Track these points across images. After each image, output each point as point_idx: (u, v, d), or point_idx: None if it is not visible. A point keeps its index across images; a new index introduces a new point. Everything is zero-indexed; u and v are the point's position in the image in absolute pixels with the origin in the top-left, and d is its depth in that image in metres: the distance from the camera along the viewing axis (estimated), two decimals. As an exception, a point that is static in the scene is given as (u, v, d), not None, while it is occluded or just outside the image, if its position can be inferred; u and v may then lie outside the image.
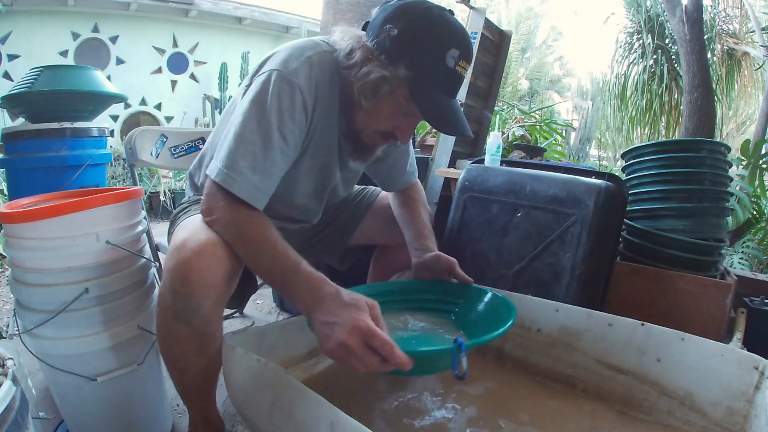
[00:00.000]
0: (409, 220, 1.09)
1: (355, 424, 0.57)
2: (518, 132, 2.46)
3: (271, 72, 0.81)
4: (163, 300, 0.76)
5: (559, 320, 1.00)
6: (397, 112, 0.84)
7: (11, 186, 2.06)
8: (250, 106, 0.79)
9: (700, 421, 0.85)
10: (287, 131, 0.81)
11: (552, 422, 0.89)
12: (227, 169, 0.76)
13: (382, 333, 0.64)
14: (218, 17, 6.39)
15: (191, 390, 0.86)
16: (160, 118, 6.32)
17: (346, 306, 0.67)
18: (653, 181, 1.39)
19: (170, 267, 0.73)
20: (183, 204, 1.03)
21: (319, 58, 0.84)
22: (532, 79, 12.00)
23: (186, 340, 0.77)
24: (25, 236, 0.85)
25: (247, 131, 0.78)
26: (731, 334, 1.30)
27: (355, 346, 0.63)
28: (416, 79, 0.79)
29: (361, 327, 0.64)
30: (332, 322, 0.66)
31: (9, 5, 4.99)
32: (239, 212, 0.77)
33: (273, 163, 0.80)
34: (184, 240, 0.74)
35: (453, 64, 0.79)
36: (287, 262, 0.73)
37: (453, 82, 0.82)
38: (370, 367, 0.64)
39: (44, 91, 1.84)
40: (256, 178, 0.78)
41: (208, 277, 0.73)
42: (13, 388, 0.54)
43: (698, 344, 0.85)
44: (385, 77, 0.79)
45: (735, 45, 4.92)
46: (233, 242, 0.76)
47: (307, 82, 0.82)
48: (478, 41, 2.10)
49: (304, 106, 0.82)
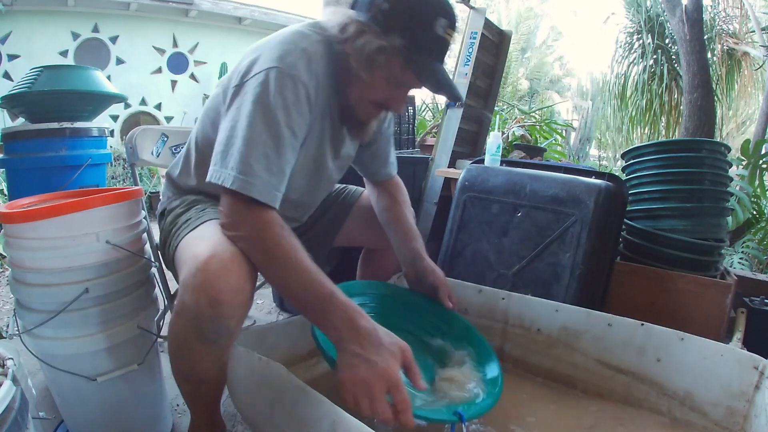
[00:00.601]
0: (394, 224, 1.08)
1: (357, 424, 0.57)
2: (518, 132, 2.46)
3: (268, 70, 0.79)
4: (185, 321, 0.73)
5: (559, 320, 1.00)
6: (391, 82, 0.86)
7: (11, 186, 2.06)
8: (253, 107, 0.78)
9: (700, 421, 0.85)
10: (295, 125, 0.81)
11: (552, 422, 0.89)
12: (243, 174, 0.75)
13: (404, 391, 0.65)
14: (218, 17, 6.38)
15: (202, 398, 0.86)
16: (160, 118, 6.31)
17: (383, 348, 0.68)
18: (653, 181, 1.39)
19: (196, 286, 0.70)
20: (174, 205, 0.99)
21: (314, 49, 0.84)
22: (532, 79, 12.00)
23: (209, 357, 0.76)
24: (25, 236, 0.85)
25: (255, 133, 0.77)
26: (731, 334, 1.30)
27: (376, 391, 0.64)
28: (410, 48, 0.81)
29: (392, 378, 0.65)
30: (365, 358, 0.66)
31: (9, 5, 4.98)
32: (265, 228, 0.75)
33: (286, 160, 0.80)
34: (208, 258, 0.71)
35: (442, 32, 0.83)
36: (322, 290, 0.72)
37: (443, 48, 0.86)
38: (377, 414, 0.65)
39: (44, 91, 1.84)
40: (274, 179, 0.77)
41: (236, 298, 0.71)
42: (13, 388, 0.54)
43: (698, 344, 0.85)
44: (382, 47, 0.81)
45: (735, 45, 4.92)
46: (262, 264, 0.75)
47: (308, 74, 0.82)
48: (478, 41, 2.10)
49: (308, 98, 0.83)
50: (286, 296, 0.79)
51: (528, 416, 0.91)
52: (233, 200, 0.76)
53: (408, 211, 1.12)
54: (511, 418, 0.90)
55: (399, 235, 1.07)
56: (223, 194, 0.78)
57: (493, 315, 1.09)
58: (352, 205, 1.21)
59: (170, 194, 1.05)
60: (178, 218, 0.95)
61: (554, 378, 1.02)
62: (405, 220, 1.08)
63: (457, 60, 2.15)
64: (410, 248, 1.04)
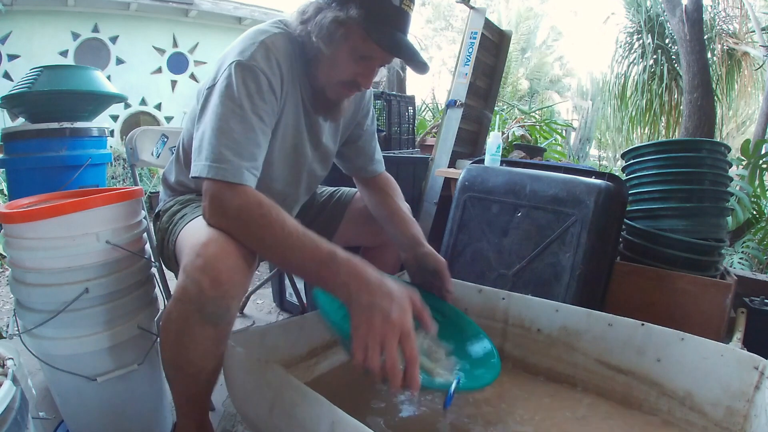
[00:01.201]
0: (390, 215, 1.09)
1: (356, 424, 0.57)
2: (518, 132, 2.47)
3: (230, 65, 0.83)
4: (186, 305, 0.73)
5: (559, 320, 1.00)
6: (355, 56, 0.88)
7: (11, 186, 2.06)
8: (219, 100, 0.81)
9: (700, 421, 0.85)
10: (261, 111, 0.83)
11: (553, 422, 0.89)
12: (215, 162, 0.77)
13: (415, 342, 0.66)
14: (218, 17, 6.39)
15: (196, 396, 0.85)
16: (160, 118, 6.31)
17: (395, 297, 0.68)
18: (653, 181, 1.39)
19: (198, 268, 0.72)
20: (170, 205, 1.02)
21: (272, 40, 0.87)
22: (532, 79, 12.01)
23: (208, 343, 0.77)
24: (25, 236, 0.85)
25: (223, 123, 0.80)
26: (731, 334, 1.30)
27: (389, 339, 0.64)
28: (368, 18, 0.83)
29: (405, 327, 0.66)
30: (380, 308, 0.66)
31: (9, 5, 4.99)
32: (248, 208, 0.76)
33: (256, 144, 0.82)
34: (207, 241, 0.73)
35: (399, 2, 0.84)
36: (321, 251, 0.72)
37: (402, 18, 0.87)
38: (390, 368, 0.64)
39: (44, 91, 1.83)
40: (245, 162, 0.79)
41: (236, 277, 0.73)
42: (13, 388, 0.54)
43: (698, 344, 0.85)
44: (338, 18, 0.83)
45: (735, 45, 4.92)
46: (254, 243, 0.76)
47: (267, 63, 0.84)
48: (478, 41, 2.10)
49: (271, 86, 0.85)
50: (286, 269, 0.81)
51: (525, 415, 0.91)
52: (211, 188, 0.78)
53: (401, 202, 1.13)
54: (512, 417, 0.90)
55: (395, 225, 1.07)
56: (202, 186, 0.80)
57: (493, 315, 1.09)
58: (346, 206, 1.22)
59: (166, 197, 1.08)
60: (173, 216, 0.96)
61: (554, 378, 1.02)
62: (399, 210, 1.09)
63: (457, 60, 2.15)
64: (408, 235, 1.05)
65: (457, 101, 2.10)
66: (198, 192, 0.99)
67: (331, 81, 0.92)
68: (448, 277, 1.00)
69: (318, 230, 1.20)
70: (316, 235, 0.75)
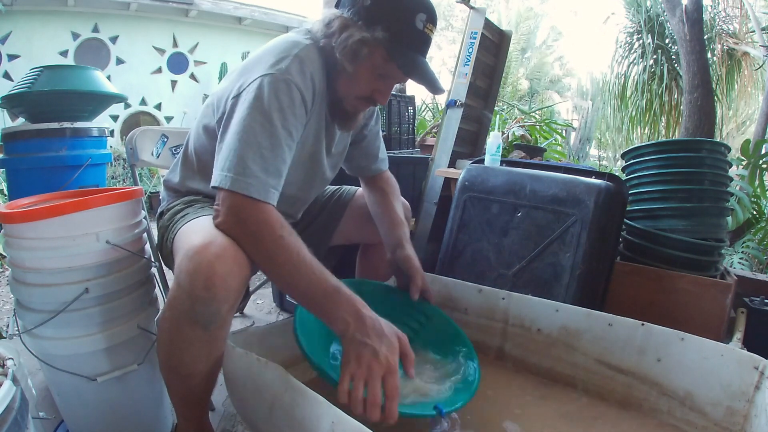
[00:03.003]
0: (382, 214, 1.11)
1: (356, 424, 0.57)
2: (518, 132, 2.46)
3: (262, 78, 0.82)
4: (178, 304, 0.74)
5: (559, 320, 1.00)
6: (375, 74, 0.90)
7: (11, 186, 2.06)
8: (248, 112, 0.80)
9: (700, 421, 0.85)
10: (291, 127, 0.83)
11: (553, 423, 0.89)
12: (240, 175, 0.76)
13: (398, 379, 0.71)
14: (218, 17, 6.38)
15: (191, 397, 0.85)
16: (160, 118, 6.31)
17: (385, 337, 0.73)
18: (653, 181, 1.39)
19: (191, 270, 0.71)
20: (173, 204, 1.01)
21: (306, 53, 0.87)
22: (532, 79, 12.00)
23: (199, 345, 0.77)
24: (25, 236, 0.85)
25: (251, 136, 0.79)
26: (731, 334, 1.30)
27: (376, 373, 0.69)
28: (392, 40, 0.86)
29: (391, 365, 0.71)
30: (368, 344, 0.71)
31: (9, 5, 4.98)
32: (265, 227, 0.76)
33: (282, 160, 0.82)
34: (205, 243, 0.73)
35: (422, 26, 0.87)
36: (328, 284, 0.75)
37: (423, 42, 0.90)
38: (371, 398, 0.68)
39: (44, 91, 1.83)
40: (271, 179, 0.79)
41: (230, 282, 0.73)
42: (13, 388, 0.54)
43: (698, 344, 0.85)
44: (364, 39, 0.85)
45: (735, 45, 4.92)
46: (264, 263, 0.77)
47: (302, 77, 0.85)
48: (478, 41, 2.10)
49: (303, 100, 0.86)
50: (290, 293, 0.81)
51: (525, 415, 0.91)
52: (231, 201, 0.77)
53: (396, 201, 1.14)
54: (512, 418, 0.90)
55: (385, 225, 1.10)
56: (220, 196, 0.79)
57: (493, 315, 1.09)
58: (347, 204, 1.23)
59: (169, 198, 1.07)
60: (176, 215, 0.96)
61: (554, 378, 1.02)
62: (392, 210, 1.11)
63: (457, 60, 2.15)
64: (394, 236, 1.07)
65: (457, 101, 2.09)
66: (205, 195, 1.00)
67: (349, 95, 0.94)
68: (419, 282, 1.01)
69: (319, 227, 1.22)
70: (324, 268, 0.77)
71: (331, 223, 1.22)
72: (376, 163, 1.19)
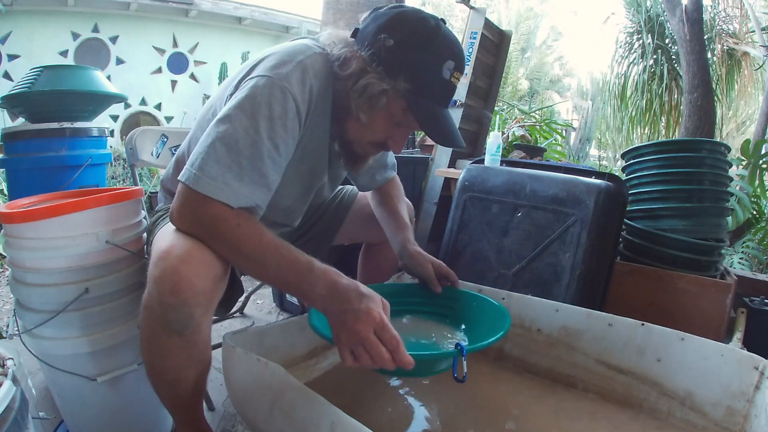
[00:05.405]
0: (387, 217, 1.10)
1: (355, 424, 0.57)
2: (518, 132, 2.46)
3: (259, 77, 0.76)
4: (150, 313, 0.71)
5: (559, 320, 1.00)
6: (391, 122, 0.84)
7: (11, 186, 2.06)
8: (235, 112, 0.74)
9: (700, 421, 0.85)
10: (279, 140, 0.76)
11: (553, 423, 0.89)
12: (208, 177, 0.71)
13: (391, 327, 0.66)
14: (218, 17, 6.39)
15: (180, 402, 0.82)
16: (160, 118, 6.31)
17: (363, 296, 0.68)
18: (653, 181, 1.39)
19: (157, 277, 0.69)
20: (159, 212, 0.99)
21: (311, 61, 0.81)
22: (532, 79, 11.99)
23: (177, 351, 0.74)
24: (25, 236, 0.85)
25: (232, 140, 0.73)
26: (731, 334, 1.30)
27: (365, 333, 0.65)
28: (415, 92, 0.79)
29: (375, 317, 0.66)
30: (348, 309, 0.67)
31: (9, 5, 4.99)
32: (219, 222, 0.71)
33: (260, 173, 0.75)
34: (169, 247, 0.70)
35: (449, 76, 0.81)
36: (299, 265, 0.71)
37: (448, 93, 0.84)
38: (376, 358, 0.65)
39: (44, 91, 1.83)
40: (246, 189, 0.73)
41: (198, 283, 0.69)
42: (13, 388, 0.54)
43: (698, 344, 0.85)
44: (385, 90, 0.79)
45: (735, 45, 4.92)
46: (229, 256, 0.73)
47: (301, 87, 0.78)
48: (478, 41, 2.10)
49: (298, 113, 0.79)
50: (263, 280, 0.78)
51: (525, 415, 0.91)
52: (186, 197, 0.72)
53: (401, 203, 1.13)
54: (512, 418, 0.90)
55: (390, 228, 1.08)
56: (179, 189, 0.74)
57: (493, 315, 1.09)
58: (349, 205, 1.22)
59: (164, 200, 1.05)
60: (159, 219, 0.94)
61: (554, 378, 1.02)
62: (396, 212, 1.09)
63: (457, 60, 2.15)
64: (400, 238, 1.05)
65: (457, 101, 2.09)
66: None
67: (362, 140, 0.88)
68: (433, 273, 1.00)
69: (321, 229, 1.21)
70: (293, 247, 0.73)
71: (334, 225, 1.21)
72: (385, 172, 1.15)
